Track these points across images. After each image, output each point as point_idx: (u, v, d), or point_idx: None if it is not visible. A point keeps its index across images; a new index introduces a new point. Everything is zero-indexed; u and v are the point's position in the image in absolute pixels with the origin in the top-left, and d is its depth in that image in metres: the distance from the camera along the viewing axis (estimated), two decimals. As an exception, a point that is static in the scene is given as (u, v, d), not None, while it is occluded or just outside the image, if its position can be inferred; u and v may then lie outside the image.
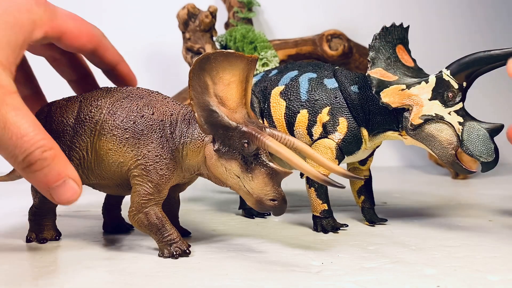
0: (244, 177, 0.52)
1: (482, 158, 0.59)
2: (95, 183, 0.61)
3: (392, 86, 0.62)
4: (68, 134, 0.59)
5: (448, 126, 0.60)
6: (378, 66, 0.63)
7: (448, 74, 0.61)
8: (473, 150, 0.59)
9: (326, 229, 0.66)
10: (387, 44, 0.64)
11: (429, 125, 0.61)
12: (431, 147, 0.61)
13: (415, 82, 0.62)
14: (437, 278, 0.47)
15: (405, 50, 0.66)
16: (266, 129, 0.52)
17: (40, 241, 0.62)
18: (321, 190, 0.67)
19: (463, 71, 0.61)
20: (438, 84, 0.61)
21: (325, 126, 0.66)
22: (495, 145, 0.59)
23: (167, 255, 0.55)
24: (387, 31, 0.64)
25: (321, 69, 0.70)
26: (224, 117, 0.52)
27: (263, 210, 0.52)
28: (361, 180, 0.54)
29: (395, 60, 0.64)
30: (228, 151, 0.52)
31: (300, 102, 0.67)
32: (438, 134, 0.60)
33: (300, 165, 0.49)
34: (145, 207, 0.56)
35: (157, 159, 0.56)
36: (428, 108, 0.61)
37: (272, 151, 0.50)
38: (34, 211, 0.63)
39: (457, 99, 0.61)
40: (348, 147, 0.65)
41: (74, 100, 0.61)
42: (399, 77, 0.63)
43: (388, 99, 0.62)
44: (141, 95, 0.60)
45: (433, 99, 0.61)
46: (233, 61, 0.51)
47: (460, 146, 0.60)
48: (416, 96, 0.61)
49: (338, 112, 0.66)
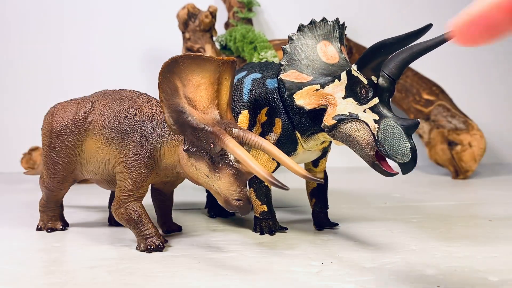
0: (212, 177, 0.53)
1: (397, 159, 0.53)
2: (89, 178, 0.66)
3: (305, 87, 0.60)
4: (66, 133, 0.64)
5: (364, 125, 0.56)
6: (291, 69, 0.61)
7: (355, 69, 0.56)
8: (388, 150, 0.54)
9: (263, 230, 0.66)
10: (305, 44, 0.62)
11: (345, 125, 0.57)
12: (352, 148, 0.58)
13: (329, 81, 0.59)
14: (437, 278, 0.47)
15: (331, 45, 0.62)
16: (234, 130, 0.53)
17: (48, 230, 0.68)
18: (260, 191, 0.66)
19: (366, 65, 0.55)
20: (349, 81, 0.57)
21: (263, 126, 0.65)
22: (412, 144, 0.53)
23: (142, 248, 0.58)
24: (306, 29, 0.62)
25: (268, 70, 0.68)
26: (192, 117, 0.53)
27: (231, 209, 0.53)
28: (320, 182, 0.52)
29: (313, 59, 0.61)
30: (196, 151, 0.54)
31: (242, 102, 0.66)
32: (355, 134, 0.56)
33: (250, 165, 0.49)
34: (125, 202, 0.59)
35: (136, 157, 0.59)
36: (342, 108, 0.57)
37: (230, 151, 0.51)
38: (42, 203, 0.69)
39: (370, 95, 0.56)
40: (283, 148, 0.63)
41: (73, 102, 0.67)
42: (314, 77, 0.60)
43: (303, 101, 0.59)
44: (130, 97, 0.64)
45: (347, 97, 0.57)
46: (201, 64, 0.53)
47: (376, 145, 0.55)
48: (330, 96, 0.58)
49: (274, 112, 0.64)
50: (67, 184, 0.67)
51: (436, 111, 1.26)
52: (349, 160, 1.42)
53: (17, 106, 1.40)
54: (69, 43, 1.42)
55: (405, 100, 1.31)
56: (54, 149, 0.64)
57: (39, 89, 1.40)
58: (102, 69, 1.41)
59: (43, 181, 0.67)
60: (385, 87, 0.57)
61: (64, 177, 0.65)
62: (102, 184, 0.66)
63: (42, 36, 1.41)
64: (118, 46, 1.43)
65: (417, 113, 1.29)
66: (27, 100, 1.40)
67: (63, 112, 0.65)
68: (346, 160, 1.43)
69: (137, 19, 1.43)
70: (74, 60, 1.41)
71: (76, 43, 1.42)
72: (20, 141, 1.32)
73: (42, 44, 1.41)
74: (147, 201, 0.66)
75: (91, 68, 1.42)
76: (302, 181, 0.69)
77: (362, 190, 1.03)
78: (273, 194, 0.76)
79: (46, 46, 1.41)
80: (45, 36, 1.41)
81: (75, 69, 1.41)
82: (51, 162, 0.65)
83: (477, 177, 1.24)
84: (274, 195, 0.81)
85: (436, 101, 1.28)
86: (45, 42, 1.41)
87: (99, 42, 1.42)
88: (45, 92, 1.40)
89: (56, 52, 1.41)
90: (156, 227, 0.61)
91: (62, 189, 0.67)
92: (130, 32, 1.43)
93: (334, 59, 0.61)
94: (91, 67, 1.42)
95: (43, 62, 1.42)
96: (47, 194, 0.67)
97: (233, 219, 0.76)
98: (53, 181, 0.66)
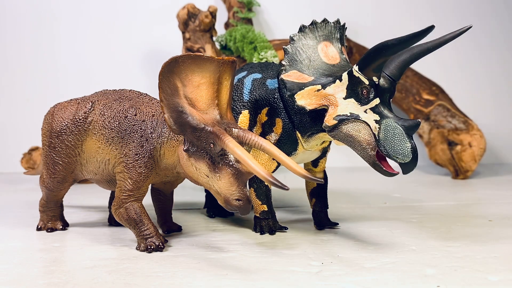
0: (212, 177, 0.53)
1: (398, 159, 0.54)
2: (89, 178, 0.66)
3: (307, 87, 0.60)
4: (66, 133, 0.64)
5: (365, 125, 0.56)
6: (293, 69, 0.61)
7: (356, 70, 0.57)
8: (389, 150, 0.54)
9: (263, 230, 0.66)
10: (306, 44, 0.62)
11: (346, 125, 0.57)
12: (353, 148, 0.58)
13: (330, 81, 0.59)
14: (437, 278, 0.47)
15: (332, 46, 0.62)
16: (234, 130, 0.53)
17: (48, 230, 0.68)
18: (260, 191, 0.66)
19: (368, 66, 0.56)
20: (350, 81, 0.57)
21: (264, 126, 0.65)
22: (413, 144, 0.54)
23: (142, 248, 0.58)
24: (307, 30, 0.62)
25: (268, 70, 0.68)
26: (192, 117, 0.53)
27: (231, 209, 0.53)
28: (320, 182, 0.52)
29: (314, 60, 0.61)
30: (196, 151, 0.54)
31: (243, 102, 0.66)
32: (356, 134, 0.56)
33: (250, 165, 0.49)
34: (125, 202, 0.59)
35: (136, 157, 0.59)
36: (343, 108, 0.57)
37: (230, 151, 0.51)
38: (42, 203, 0.69)
39: (371, 96, 0.56)
40: (283, 148, 0.63)
41: (73, 102, 0.66)
42: (315, 77, 0.60)
43: (304, 101, 0.60)
44: (130, 97, 0.64)
45: (348, 98, 0.57)
46: (201, 64, 0.53)
47: (377, 145, 0.55)
48: (332, 96, 0.58)
49: (275, 112, 0.64)
50: (67, 184, 0.67)
51: (436, 111, 1.26)
52: (349, 160, 1.43)
53: (17, 106, 1.40)
54: (69, 43, 1.42)
55: (405, 100, 1.31)
56: (54, 149, 0.64)
57: (39, 89, 1.40)
58: (102, 69, 1.41)
59: (43, 181, 0.67)
60: (386, 87, 0.57)
61: (64, 177, 0.65)
62: (102, 184, 0.66)
63: (42, 36, 1.41)
64: (118, 46, 1.43)
65: (417, 113, 1.29)
66: (27, 100, 1.40)
67: (63, 112, 0.65)
68: (346, 160, 1.43)
69: (137, 19, 1.43)
70: (74, 60, 1.41)
71: (76, 43, 1.42)
72: (20, 141, 1.32)
73: (42, 44, 1.41)
74: (147, 201, 0.66)
75: (91, 68, 1.42)
76: (302, 181, 0.69)
77: (362, 190, 1.03)
78: (273, 194, 0.77)
79: (46, 46, 1.41)
80: (45, 36, 1.41)
81: (75, 69, 1.41)
82: (51, 162, 0.65)
83: (477, 177, 1.24)
84: (274, 195, 0.81)
85: (436, 101, 1.27)
86: (45, 42, 1.41)
87: (99, 42, 1.42)
88: (45, 92, 1.40)
89: (56, 52, 1.41)
90: (156, 227, 0.61)
91: (62, 189, 0.67)
92: (130, 32, 1.43)
93: (335, 60, 0.61)
94: (91, 67, 1.42)
95: (43, 62, 1.41)
96: (47, 194, 0.67)
97: (233, 219, 0.76)
98: (53, 181, 0.66)
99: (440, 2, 1.51)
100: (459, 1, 1.51)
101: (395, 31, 0.75)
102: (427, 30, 0.52)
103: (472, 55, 1.51)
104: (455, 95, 1.33)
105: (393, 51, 0.54)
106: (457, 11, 1.51)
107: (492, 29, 1.51)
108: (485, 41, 1.51)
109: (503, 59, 1.53)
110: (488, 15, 1.52)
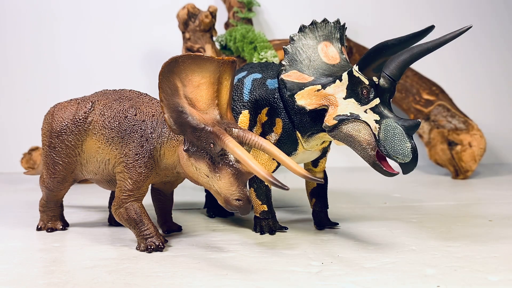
0: (212, 177, 0.53)
1: (398, 159, 0.54)
2: (89, 178, 0.66)
3: (307, 87, 0.60)
4: (66, 133, 0.64)
5: (365, 125, 0.56)
6: (293, 69, 0.61)
7: (357, 70, 0.57)
8: (389, 150, 0.54)
9: (263, 230, 0.66)
10: (306, 44, 0.62)
11: (346, 125, 0.57)
12: (353, 148, 0.58)
13: (330, 81, 0.59)
14: (437, 278, 0.47)
15: (332, 46, 0.62)
16: (234, 130, 0.53)
17: (48, 230, 0.68)
18: (260, 190, 0.66)
19: (368, 66, 0.56)
20: (350, 81, 0.57)
21: (264, 126, 0.65)
22: (413, 144, 0.54)
23: (142, 248, 0.58)
24: (307, 30, 0.62)
25: (268, 70, 0.68)
26: (192, 117, 0.53)
27: (231, 209, 0.53)
28: (320, 182, 0.53)
29: (314, 60, 0.61)
30: (196, 151, 0.54)
31: (243, 102, 0.66)
32: (356, 134, 0.56)
33: (250, 165, 0.49)
34: (125, 202, 0.59)
35: (136, 157, 0.59)
36: (343, 108, 0.57)
37: (230, 151, 0.51)
38: (42, 203, 0.69)
39: (371, 96, 0.56)
40: (283, 148, 0.63)
41: (73, 102, 0.66)
42: (315, 77, 0.60)
43: (304, 101, 0.60)
44: (131, 97, 0.64)
45: (348, 98, 0.57)
46: (201, 64, 0.53)
47: (377, 145, 0.55)
48: (332, 96, 0.58)
49: (275, 112, 0.64)
50: (67, 184, 0.67)
51: (436, 111, 1.26)
52: (349, 160, 1.43)
53: (17, 106, 1.40)
54: (69, 43, 1.41)
55: (405, 100, 1.31)
56: (54, 149, 0.64)
57: (39, 89, 1.40)
58: (102, 69, 1.41)
59: (43, 181, 0.67)
60: (386, 87, 0.57)
61: (64, 177, 0.65)
62: (102, 184, 0.66)
63: (42, 36, 1.41)
64: (118, 46, 1.43)
65: (417, 113, 1.29)
66: (27, 100, 1.40)
67: (63, 112, 0.65)
68: (346, 160, 1.43)
69: (137, 19, 1.43)
70: (74, 60, 1.41)
71: (76, 43, 1.42)
72: (20, 141, 1.32)
73: (42, 44, 1.41)
74: (147, 201, 0.66)
75: (91, 68, 1.42)
76: (302, 181, 0.69)
77: (362, 190, 1.03)
78: (273, 194, 0.76)
79: (46, 46, 1.41)
80: (45, 36, 1.41)
81: (75, 69, 1.41)
82: (51, 162, 0.65)
83: (477, 177, 1.24)
84: (274, 195, 0.81)
85: (436, 101, 1.27)
86: (45, 42, 1.41)
87: (99, 42, 1.42)
88: (45, 92, 1.40)
89: (56, 52, 1.41)
90: (156, 227, 0.61)
91: (62, 189, 0.67)
92: (130, 32, 1.43)
93: (335, 60, 0.61)
94: (91, 67, 1.42)
95: (43, 62, 1.41)
96: (47, 194, 0.67)
97: (233, 219, 0.76)
98: (53, 181, 0.66)
99: (440, 2, 1.51)
100: (459, 1, 1.51)
101: (395, 31, 0.75)
102: (427, 30, 0.52)
103: (472, 55, 1.51)
104: (455, 95, 1.33)
105: (393, 51, 0.54)
106: (457, 11, 1.51)
107: (492, 29, 1.51)
108: (485, 41, 1.51)
109: (503, 59, 1.53)
110: (488, 15, 1.52)
